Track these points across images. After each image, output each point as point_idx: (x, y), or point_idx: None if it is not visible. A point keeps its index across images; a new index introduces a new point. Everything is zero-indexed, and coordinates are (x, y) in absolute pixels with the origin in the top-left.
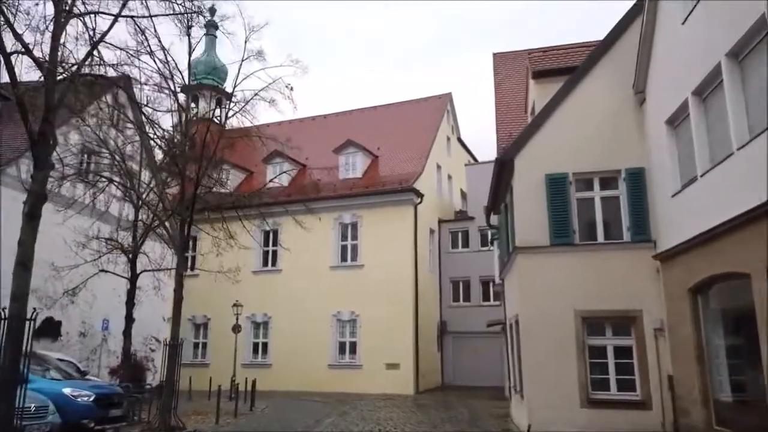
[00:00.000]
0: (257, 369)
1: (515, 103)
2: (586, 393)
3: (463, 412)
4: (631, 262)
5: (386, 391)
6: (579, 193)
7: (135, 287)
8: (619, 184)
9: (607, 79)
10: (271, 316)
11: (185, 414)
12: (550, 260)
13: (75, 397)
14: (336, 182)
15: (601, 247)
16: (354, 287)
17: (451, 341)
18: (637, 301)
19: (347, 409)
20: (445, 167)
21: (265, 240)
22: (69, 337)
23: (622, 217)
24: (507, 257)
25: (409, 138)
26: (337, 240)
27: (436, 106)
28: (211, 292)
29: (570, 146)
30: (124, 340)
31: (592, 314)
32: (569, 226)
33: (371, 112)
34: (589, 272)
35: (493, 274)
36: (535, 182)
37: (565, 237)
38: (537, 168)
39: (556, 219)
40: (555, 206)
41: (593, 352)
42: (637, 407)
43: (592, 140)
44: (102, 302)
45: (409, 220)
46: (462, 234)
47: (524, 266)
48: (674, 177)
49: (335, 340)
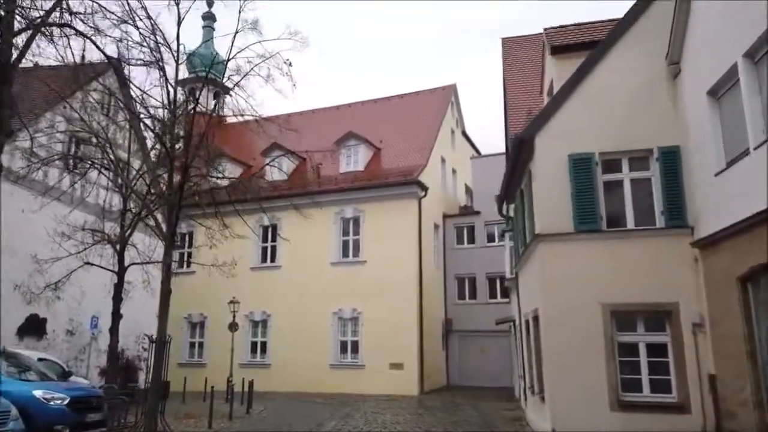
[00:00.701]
0: (256, 369)
1: (526, 88)
2: (616, 395)
3: (472, 415)
4: (665, 250)
5: (390, 391)
6: (606, 175)
7: (123, 281)
8: (651, 165)
9: (636, 50)
10: (270, 314)
11: (177, 417)
12: (574, 249)
13: (47, 401)
14: (337, 175)
15: (632, 234)
16: (356, 284)
17: (457, 340)
18: (673, 293)
19: (350, 411)
20: (449, 161)
21: (264, 235)
22: (55, 335)
23: (655, 201)
24: (524, 247)
25: (412, 130)
26: (339, 235)
27: (440, 97)
28: (208, 289)
29: (596, 124)
30: (111, 338)
31: (622, 308)
32: (596, 212)
33: (373, 105)
34: (618, 262)
35: (500, 271)
36: (557, 163)
37: (591, 223)
38: (560, 148)
39: (582, 204)
40: (580, 190)
41: (623, 350)
42: (673, 410)
43: (620, 117)
44: (91, 298)
45: (413, 215)
46: (468, 229)
47: (546, 255)
48: (717, 154)
49: (336, 339)
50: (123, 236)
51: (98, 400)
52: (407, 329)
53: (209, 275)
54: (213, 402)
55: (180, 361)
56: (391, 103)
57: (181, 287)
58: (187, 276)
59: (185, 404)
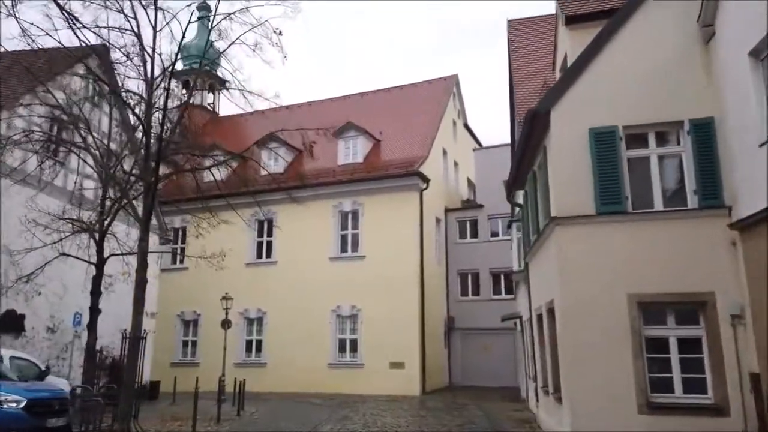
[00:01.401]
0: (251, 369)
1: (534, 71)
2: (644, 396)
3: (479, 417)
4: (698, 233)
5: (390, 392)
6: (631, 151)
7: (102, 273)
8: (681, 139)
9: (662, 12)
10: (266, 312)
11: (163, 419)
12: (596, 232)
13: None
14: (335, 167)
15: (660, 216)
16: (355, 280)
17: (459, 338)
18: (708, 282)
19: (348, 413)
20: (451, 153)
21: (259, 230)
22: (35, 332)
23: (686, 179)
24: (536, 235)
25: (413, 121)
26: (337, 229)
27: (441, 88)
28: (201, 286)
29: (619, 95)
30: (88, 335)
31: (651, 298)
32: (620, 191)
33: (372, 97)
34: (645, 247)
35: (505, 266)
36: (576, 139)
37: (615, 204)
38: (579, 121)
39: (604, 183)
40: (602, 167)
41: (652, 346)
42: (710, 413)
43: (645, 87)
44: (74, 294)
45: (415, 208)
46: (471, 223)
47: (564, 240)
48: (761, 123)
49: (335, 337)
50: (102, 225)
51: (62, 403)
52: (408, 327)
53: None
54: (197, 403)
55: (173, 360)
56: (391, 95)
57: (174, 284)
58: (180, 272)
59: (175, 405)
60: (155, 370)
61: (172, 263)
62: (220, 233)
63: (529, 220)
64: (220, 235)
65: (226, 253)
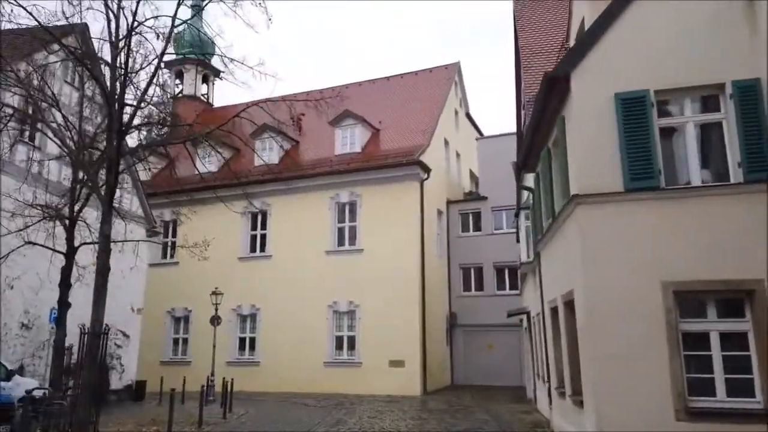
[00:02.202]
0: (244, 367)
1: (542, 47)
2: (682, 400)
3: (486, 420)
4: (743, 212)
5: (390, 392)
6: (664, 119)
7: (71, 263)
8: (723, 104)
9: None
10: (260, 308)
11: (141, 422)
12: (625, 212)
13: None
14: (332, 157)
15: (699, 193)
16: (353, 275)
17: (462, 335)
18: (755, 268)
19: (343, 415)
20: (453, 144)
21: (253, 223)
22: (8, 329)
23: (728, 151)
24: (551, 219)
25: (413, 111)
26: (334, 221)
27: (443, 76)
28: (192, 282)
29: (649, 55)
30: (56, 331)
31: (688, 287)
32: (652, 165)
33: (371, 86)
34: (681, 228)
35: (510, 260)
36: (600, 107)
37: (646, 179)
38: (603, 86)
39: (633, 155)
40: (630, 138)
41: (690, 342)
42: (758, 420)
43: (680, 46)
44: (52, 288)
45: (415, 199)
46: (473, 216)
47: (588, 222)
48: None
49: (332, 334)
50: (73, 211)
51: (3, 409)
52: (408, 323)
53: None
54: (173, 406)
55: (162, 359)
56: (390, 84)
57: (164, 279)
58: (170, 267)
59: (160, 406)
60: (143, 369)
61: (162, 257)
62: (211, 226)
63: (541, 205)
64: (212, 228)
65: (210, 242)
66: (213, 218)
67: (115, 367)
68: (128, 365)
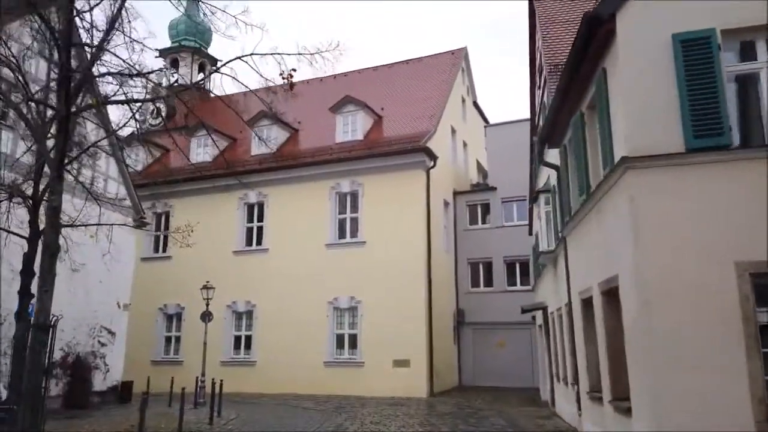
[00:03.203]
0: (239, 367)
1: (562, 16)
2: (764, 406)
3: (503, 426)
4: None
5: (394, 393)
6: (733, 66)
7: (35, 249)
8: None
9: None
10: (256, 305)
11: (116, 428)
12: (687, 177)
13: None
14: (333, 145)
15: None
16: (354, 269)
17: (470, 334)
18: None
19: (344, 420)
20: (460, 132)
21: (248, 215)
22: None
23: None
24: (585, 196)
25: (418, 97)
26: (334, 213)
27: (449, 61)
28: (185, 277)
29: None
30: (16, 326)
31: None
32: (720, 120)
33: (373, 73)
34: (758, 197)
35: (520, 254)
36: (654, 50)
37: (713, 137)
38: (657, 25)
39: (697, 108)
40: (693, 88)
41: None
42: None
43: None
44: None
45: (421, 188)
46: (482, 207)
47: (640, 190)
48: None
49: (332, 332)
50: (37, 190)
51: None
52: (413, 321)
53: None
54: (145, 413)
55: (154, 358)
56: (393, 71)
57: (156, 274)
58: (162, 262)
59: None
60: (131, 369)
61: (154, 252)
62: (205, 218)
63: (569, 183)
64: (206, 221)
65: (193, 227)
66: (207, 210)
67: (99, 366)
68: (114, 365)
